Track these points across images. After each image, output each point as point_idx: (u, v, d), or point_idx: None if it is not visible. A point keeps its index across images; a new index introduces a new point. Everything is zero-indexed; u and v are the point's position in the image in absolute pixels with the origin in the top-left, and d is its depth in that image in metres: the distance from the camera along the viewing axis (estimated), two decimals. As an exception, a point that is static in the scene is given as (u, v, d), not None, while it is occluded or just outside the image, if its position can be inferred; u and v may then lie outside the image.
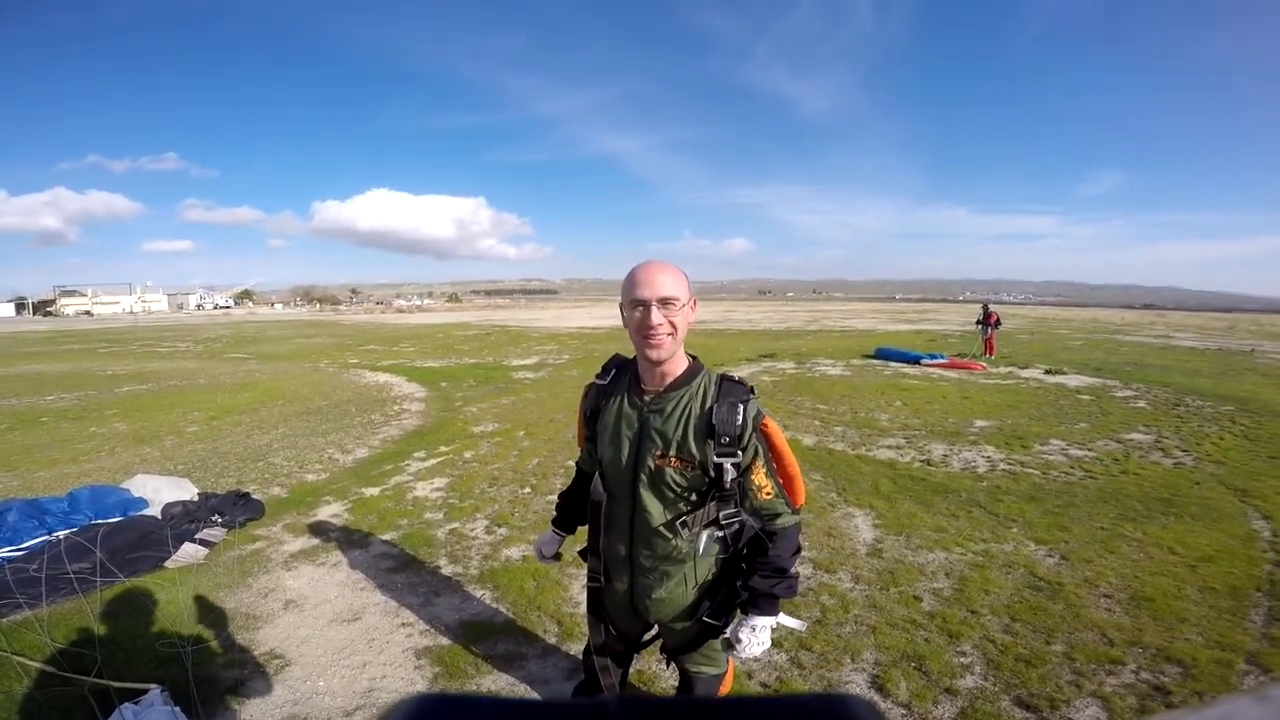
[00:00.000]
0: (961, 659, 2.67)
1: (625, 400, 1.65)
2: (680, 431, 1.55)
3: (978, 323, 15.76)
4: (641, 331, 1.49)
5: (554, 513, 2.05)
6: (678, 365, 1.58)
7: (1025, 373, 12.00)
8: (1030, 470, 5.51)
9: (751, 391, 1.59)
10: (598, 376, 1.75)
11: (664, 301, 1.47)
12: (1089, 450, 6.20)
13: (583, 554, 1.83)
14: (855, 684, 2.52)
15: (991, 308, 15.85)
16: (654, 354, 1.51)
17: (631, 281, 1.51)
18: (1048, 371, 12.07)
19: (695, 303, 1.58)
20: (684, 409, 1.56)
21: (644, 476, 1.60)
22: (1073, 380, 11.04)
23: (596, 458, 1.72)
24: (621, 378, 1.69)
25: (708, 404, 1.54)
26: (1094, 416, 7.89)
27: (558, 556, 2.05)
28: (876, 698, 2.43)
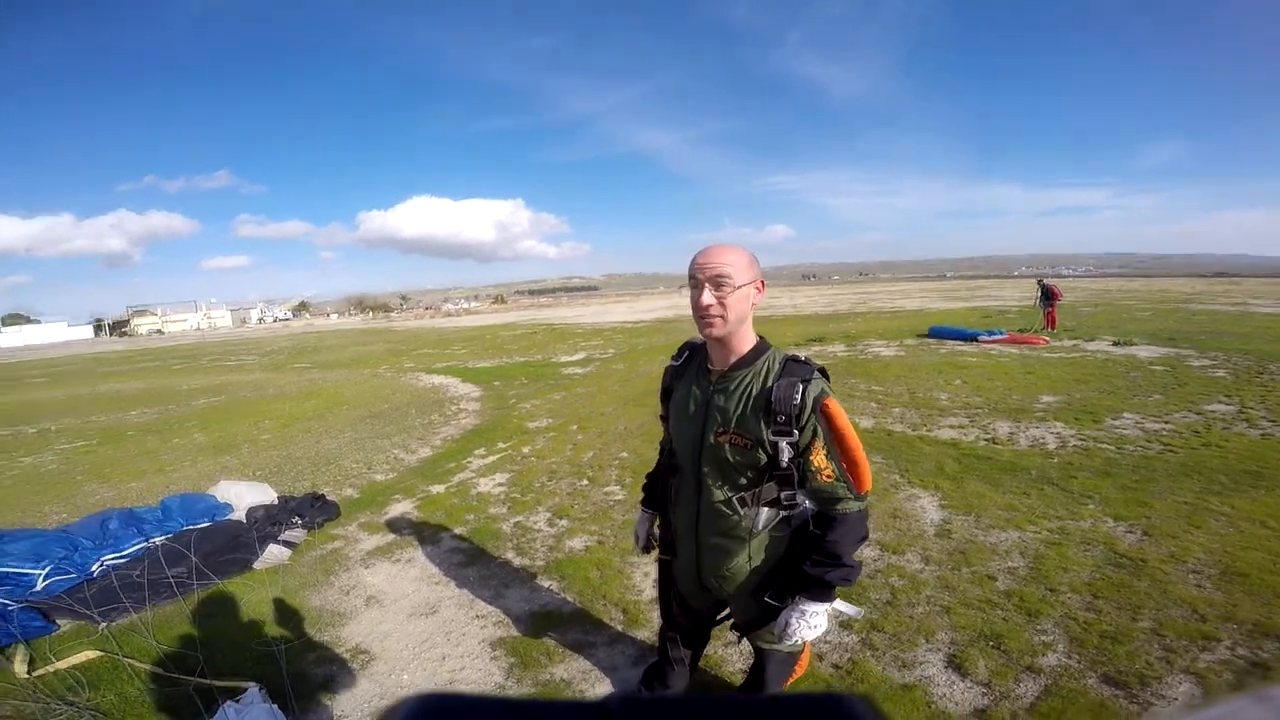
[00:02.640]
0: (1042, 637, 2.60)
1: (695, 379, 1.71)
2: (740, 409, 1.58)
3: (1039, 298, 15.14)
4: (696, 310, 1.54)
5: (642, 493, 2.12)
6: (743, 344, 1.61)
7: (1091, 345, 11.47)
8: (1104, 445, 5.29)
9: (821, 372, 1.59)
10: (673, 358, 1.81)
11: (716, 281, 1.49)
12: (1166, 423, 5.90)
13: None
14: (931, 664, 2.48)
15: (1049, 281, 15.21)
16: (708, 331, 1.55)
17: (691, 263, 1.55)
18: (1116, 343, 11.50)
19: (763, 284, 1.59)
20: (745, 387, 1.59)
21: (706, 453, 1.65)
22: (1143, 351, 10.50)
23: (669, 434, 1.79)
24: (694, 359, 1.76)
25: (768, 383, 1.56)
26: (1169, 388, 7.50)
27: (651, 545, 2.09)
28: (954, 677, 2.40)
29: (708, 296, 1.50)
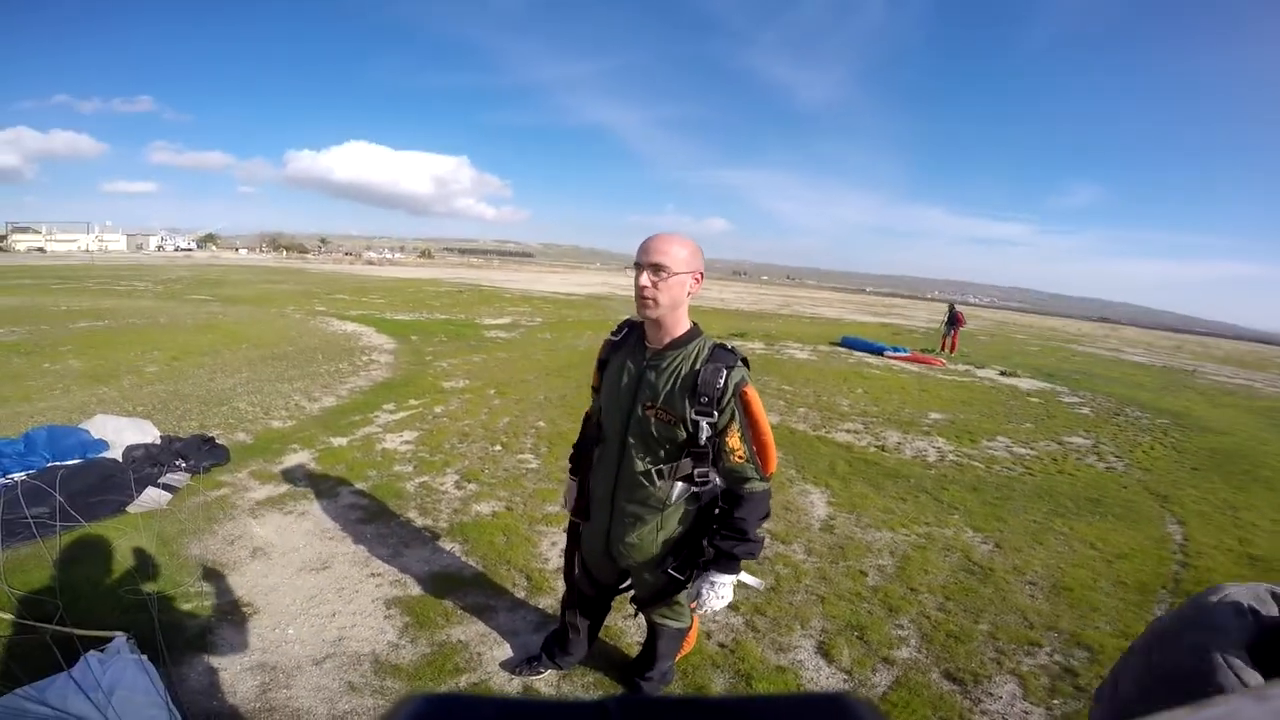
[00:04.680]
0: (899, 632, 2.89)
1: (630, 355, 1.82)
2: (668, 387, 1.70)
3: (945, 322, 16.19)
4: (635, 291, 1.66)
5: (569, 463, 2.17)
6: (678, 328, 1.73)
7: (982, 372, 12.48)
8: (976, 463, 5.83)
9: (744, 362, 1.74)
10: (612, 333, 1.92)
11: (654, 267, 1.62)
12: (1031, 449, 6.56)
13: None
14: (803, 649, 2.71)
15: (958, 308, 16.33)
16: (643, 311, 1.69)
17: (640, 246, 1.68)
18: (1003, 373, 12.58)
19: (700, 277, 1.72)
20: (676, 367, 1.71)
21: (633, 424, 1.77)
22: (1025, 383, 11.55)
23: (599, 404, 1.90)
24: (631, 335, 1.86)
25: (696, 366, 1.69)
26: (1040, 418, 8.31)
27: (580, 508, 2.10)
28: (822, 662, 2.62)
29: (645, 280, 1.63)
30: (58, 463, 3.88)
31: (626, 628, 2.72)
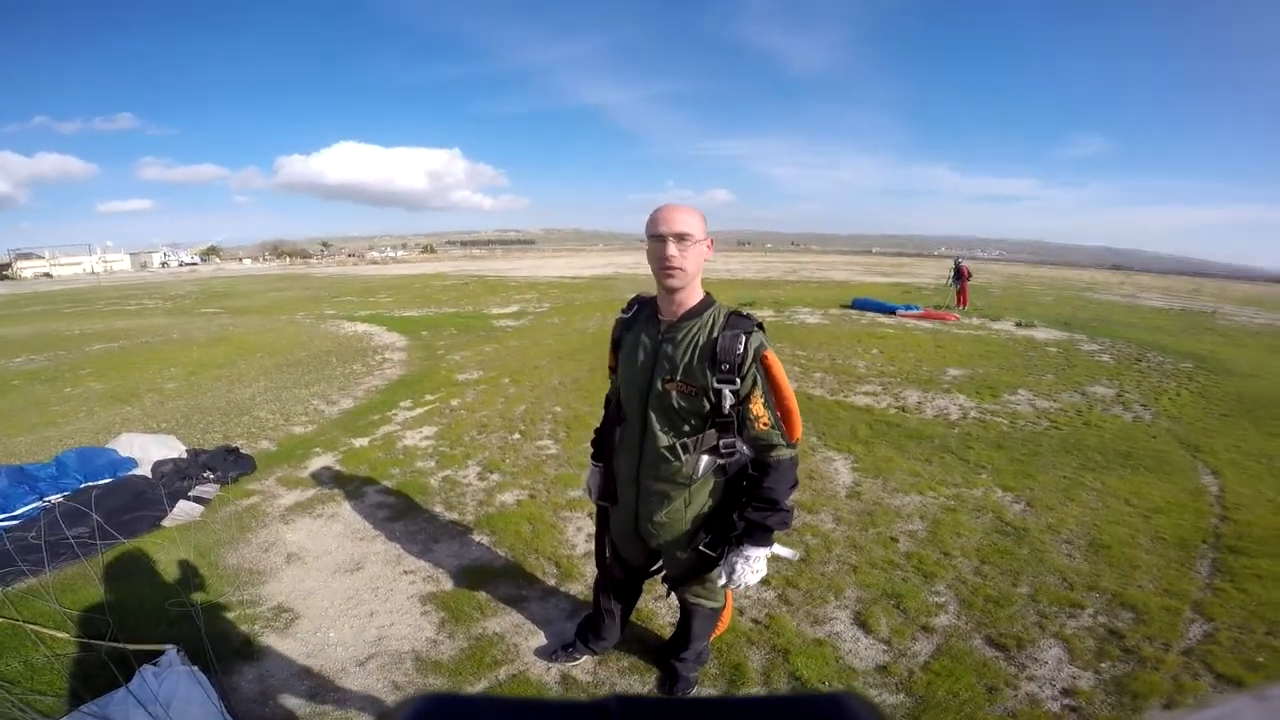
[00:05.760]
0: (936, 598, 2.86)
1: (644, 329, 1.79)
2: (687, 358, 1.68)
3: (951, 277, 16.02)
4: (660, 263, 1.63)
5: (590, 448, 2.16)
6: (692, 298, 1.71)
7: (997, 325, 12.32)
8: (999, 419, 5.76)
9: (760, 327, 1.70)
10: (622, 311, 1.89)
11: (679, 237, 1.60)
12: (1054, 401, 6.47)
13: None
14: (839, 621, 2.69)
15: (963, 262, 16.11)
16: (669, 283, 1.65)
17: (653, 219, 1.64)
18: (1018, 324, 12.41)
19: (711, 243, 1.70)
20: (693, 337, 1.69)
21: (653, 399, 1.75)
22: (1042, 333, 11.38)
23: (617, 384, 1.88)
24: (643, 311, 1.84)
25: (714, 334, 1.66)
26: (1060, 369, 8.19)
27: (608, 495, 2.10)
28: (859, 634, 2.61)
29: (672, 249, 1.60)
30: (90, 483, 3.95)
31: (658, 609, 2.72)
